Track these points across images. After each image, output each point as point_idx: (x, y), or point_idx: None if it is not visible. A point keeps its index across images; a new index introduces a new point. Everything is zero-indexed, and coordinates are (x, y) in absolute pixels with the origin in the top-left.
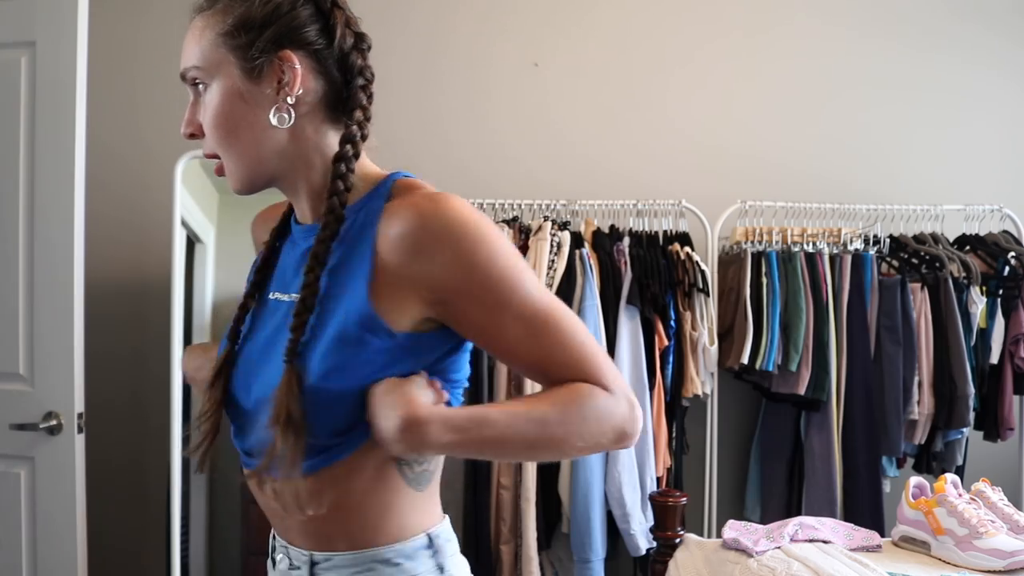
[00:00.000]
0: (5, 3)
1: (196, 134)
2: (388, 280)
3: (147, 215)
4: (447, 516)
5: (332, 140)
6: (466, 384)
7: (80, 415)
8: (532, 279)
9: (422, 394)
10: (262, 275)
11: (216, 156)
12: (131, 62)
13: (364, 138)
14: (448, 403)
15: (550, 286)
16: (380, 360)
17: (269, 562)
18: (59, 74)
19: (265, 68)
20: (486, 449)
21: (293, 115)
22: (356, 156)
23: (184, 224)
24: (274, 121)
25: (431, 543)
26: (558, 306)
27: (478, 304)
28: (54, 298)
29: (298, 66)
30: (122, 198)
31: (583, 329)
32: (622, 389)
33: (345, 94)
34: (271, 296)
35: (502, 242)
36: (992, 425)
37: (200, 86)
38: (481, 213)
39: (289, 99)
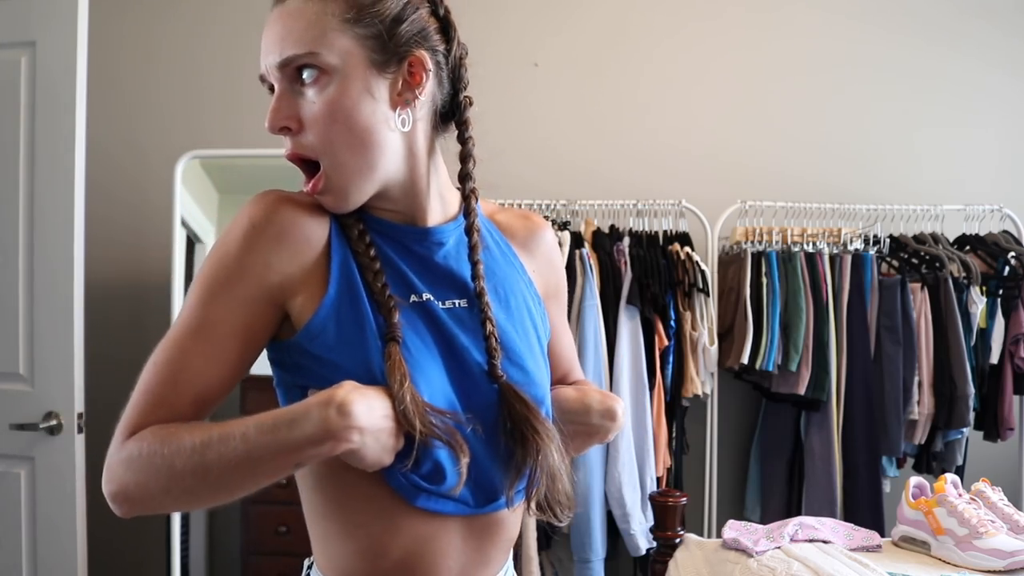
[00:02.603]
0: (5, 3)
1: (291, 128)
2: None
3: (147, 215)
4: None
5: (436, 148)
6: None
7: (80, 415)
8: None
9: None
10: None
11: (307, 159)
12: (131, 62)
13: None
14: None
15: None
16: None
17: None
18: (59, 74)
19: (393, 64)
20: None
21: (412, 118)
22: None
23: (184, 224)
24: (397, 122)
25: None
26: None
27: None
28: (54, 298)
29: (431, 67)
30: (122, 197)
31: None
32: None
33: (451, 105)
34: (412, 299)
35: None
36: (992, 425)
37: (306, 74)
38: None
39: (417, 101)
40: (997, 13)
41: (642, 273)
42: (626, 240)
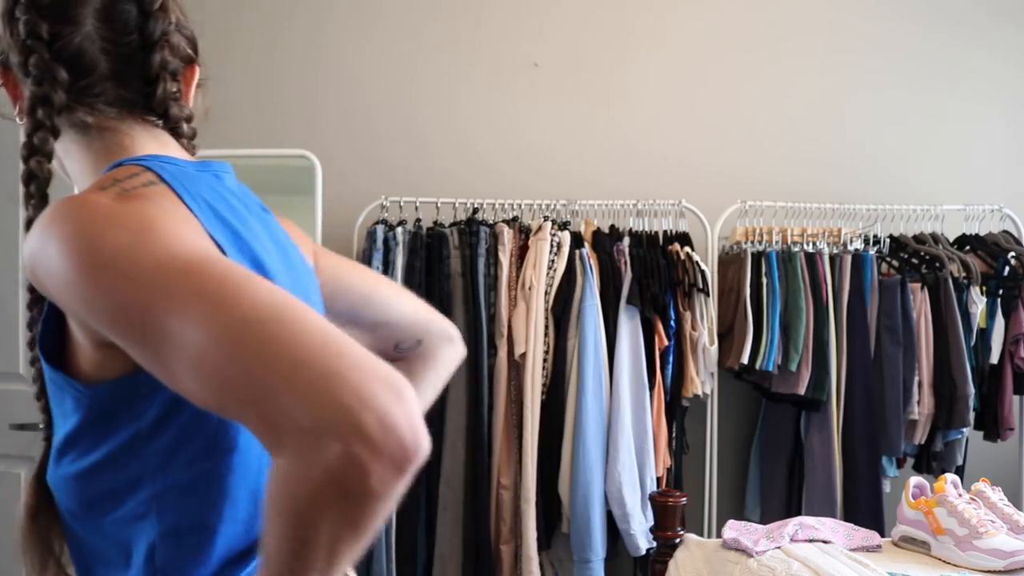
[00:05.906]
0: None
1: None
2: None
3: None
4: None
5: (69, 136)
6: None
7: None
8: (168, 261)
9: None
10: None
11: None
12: None
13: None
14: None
15: (550, 286)
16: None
17: None
18: None
19: None
20: None
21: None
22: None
23: None
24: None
25: None
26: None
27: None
28: None
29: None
30: None
31: (273, 317)
32: (322, 420)
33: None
34: None
35: (114, 226)
36: (992, 425)
37: None
38: (108, 203)
39: (18, 119)
40: (1001, 9)
41: (642, 273)
42: (626, 240)
